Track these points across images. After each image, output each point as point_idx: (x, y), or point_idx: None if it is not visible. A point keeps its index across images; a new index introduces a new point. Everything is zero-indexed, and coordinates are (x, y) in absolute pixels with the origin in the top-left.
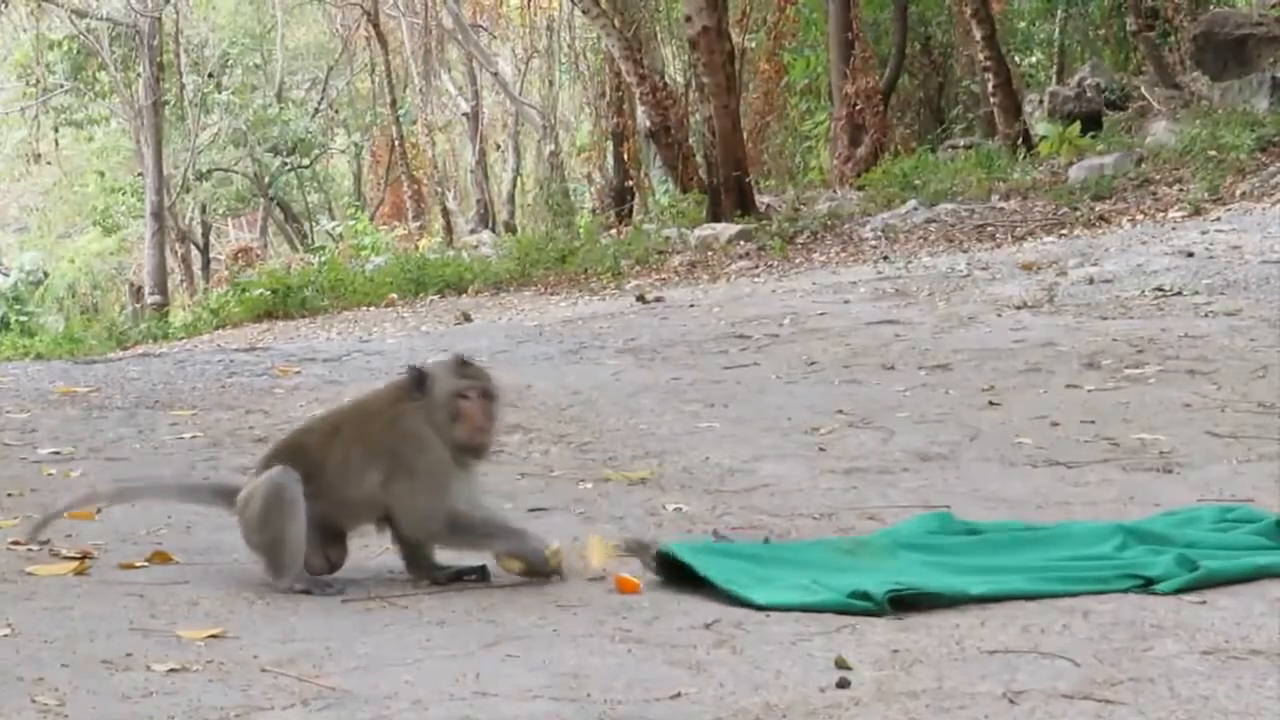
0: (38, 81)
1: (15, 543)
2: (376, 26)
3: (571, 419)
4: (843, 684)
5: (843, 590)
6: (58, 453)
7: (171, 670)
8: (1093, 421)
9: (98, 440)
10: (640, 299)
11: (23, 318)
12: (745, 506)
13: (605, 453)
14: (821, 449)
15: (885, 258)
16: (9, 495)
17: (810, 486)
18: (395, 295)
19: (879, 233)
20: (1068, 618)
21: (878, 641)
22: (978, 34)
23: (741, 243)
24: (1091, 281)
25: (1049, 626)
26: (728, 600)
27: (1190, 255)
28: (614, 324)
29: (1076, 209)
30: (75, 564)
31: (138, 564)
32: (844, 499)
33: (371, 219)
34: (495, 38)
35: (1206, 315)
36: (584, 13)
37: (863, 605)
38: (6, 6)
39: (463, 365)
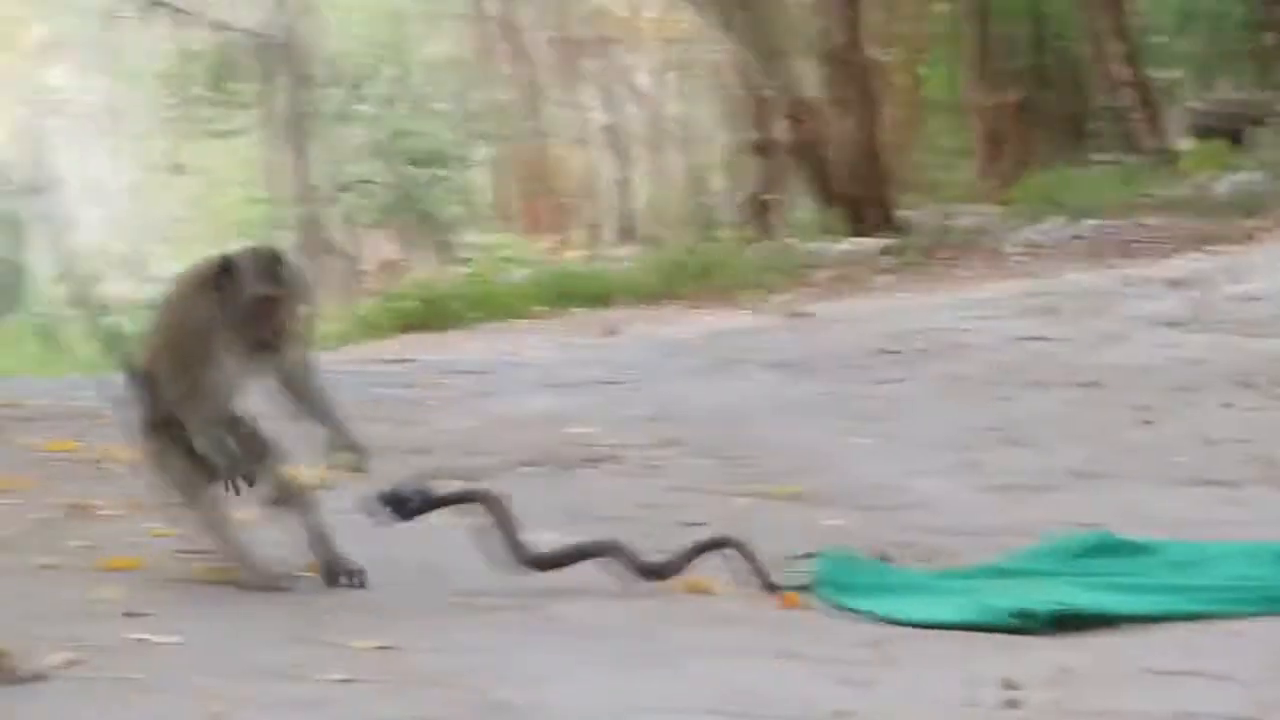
0: (179, 93)
1: (184, 551)
2: (514, 40)
3: (721, 433)
4: (1011, 704)
5: (1004, 609)
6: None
7: (341, 681)
8: (1249, 440)
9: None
10: (790, 313)
11: None
12: (899, 523)
13: (755, 467)
14: (973, 466)
15: (1031, 274)
16: (170, 505)
17: (963, 503)
18: (540, 308)
19: (1023, 248)
20: (1230, 639)
21: (1042, 661)
22: (1117, 49)
23: (884, 258)
24: (1241, 299)
25: (1211, 648)
26: (886, 616)
27: None
28: (760, 338)
29: (1224, 225)
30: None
31: (305, 574)
32: (998, 516)
33: (514, 232)
34: (633, 51)
35: None
36: (720, 28)
37: (1024, 624)
38: (148, 19)
39: (273, 262)
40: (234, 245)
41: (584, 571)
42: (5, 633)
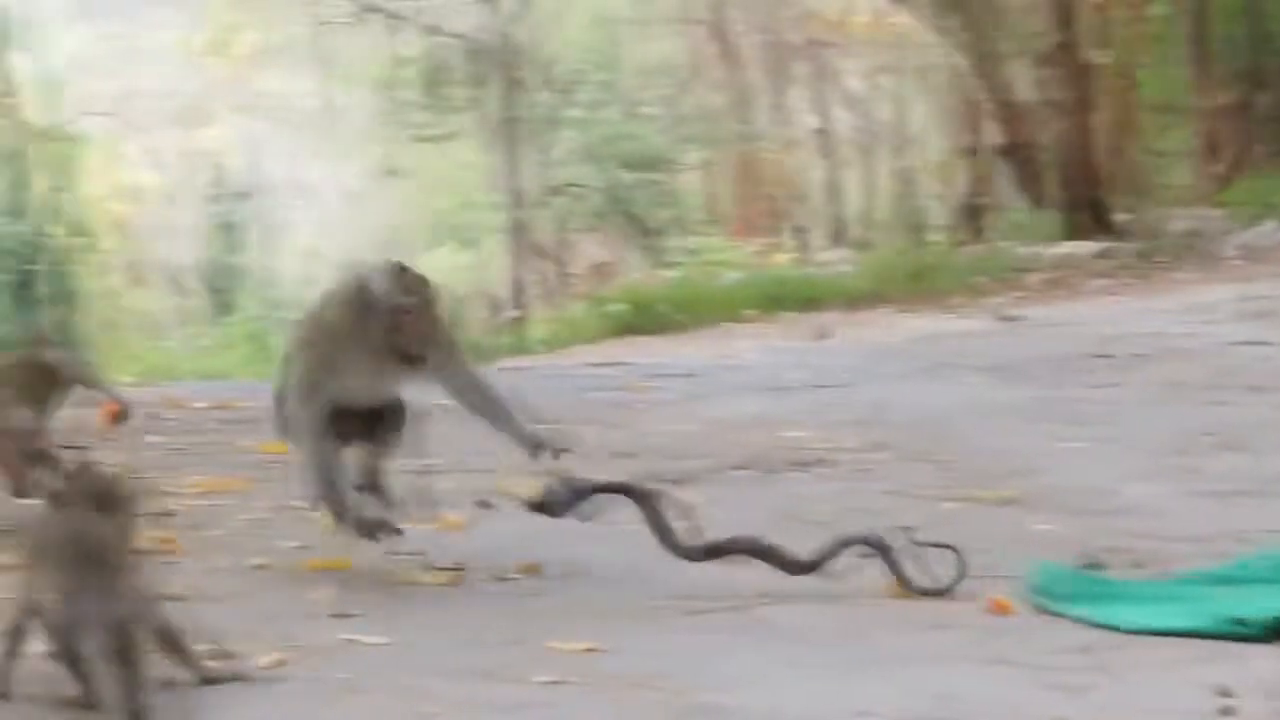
0: (393, 98)
1: (391, 553)
2: (724, 43)
3: (932, 437)
4: (1226, 712)
5: (1220, 615)
6: (426, 464)
7: (548, 683)
8: None
9: (461, 452)
10: (1002, 317)
11: None
12: (1111, 529)
13: (965, 472)
14: (1188, 471)
15: (1248, 278)
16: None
17: (1181, 509)
18: (751, 311)
19: (1240, 252)
20: None
21: (1260, 670)
22: None
23: (1099, 261)
24: None
25: None
26: (1099, 623)
27: None
28: (972, 342)
29: None
30: (449, 575)
31: (510, 576)
32: (1217, 523)
33: (725, 235)
34: (845, 54)
35: None
36: (934, 30)
37: (1241, 631)
38: (361, 24)
39: (405, 275)
40: (371, 260)
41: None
42: (222, 632)
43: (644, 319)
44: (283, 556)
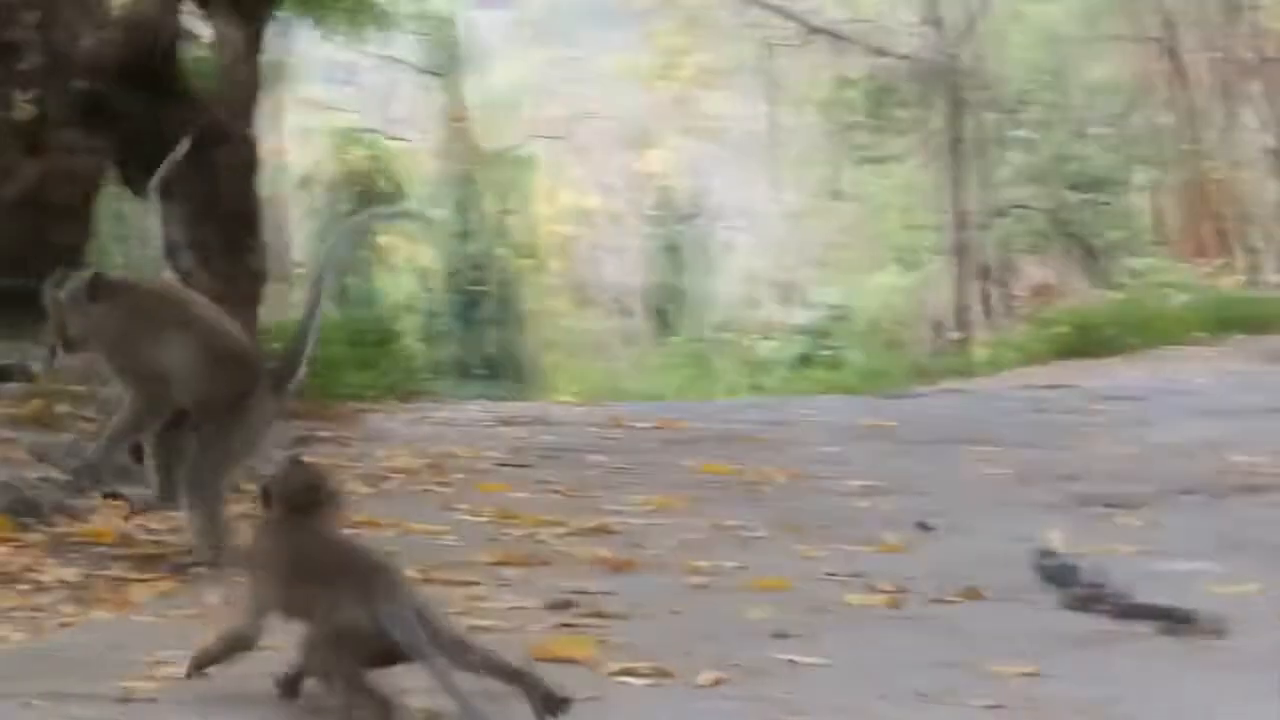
0: (837, 119)
1: (830, 574)
2: (1175, 61)
3: None
4: None
5: None
6: (866, 486)
7: (988, 706)
8: None
9: (905, 474)
10: None
11: (826, 352)
12: None
13: None
14: None
15: None
16: (821, 527)
17: None
18: (1200, 334)
19: None
20: None
21: None
22: None
23: None
24: None
25: None
26: None
27: None
28: None
29: None
30: (888, 596)
31: (949, 599)
32: None
33: (1172, 256)
34: None
35: None
36: None
37: None
38: (807, 46)
39: None
40: None
41: (1241, 600)
42: (661, 649)
43: (1088, 341)
44: (722, 576)
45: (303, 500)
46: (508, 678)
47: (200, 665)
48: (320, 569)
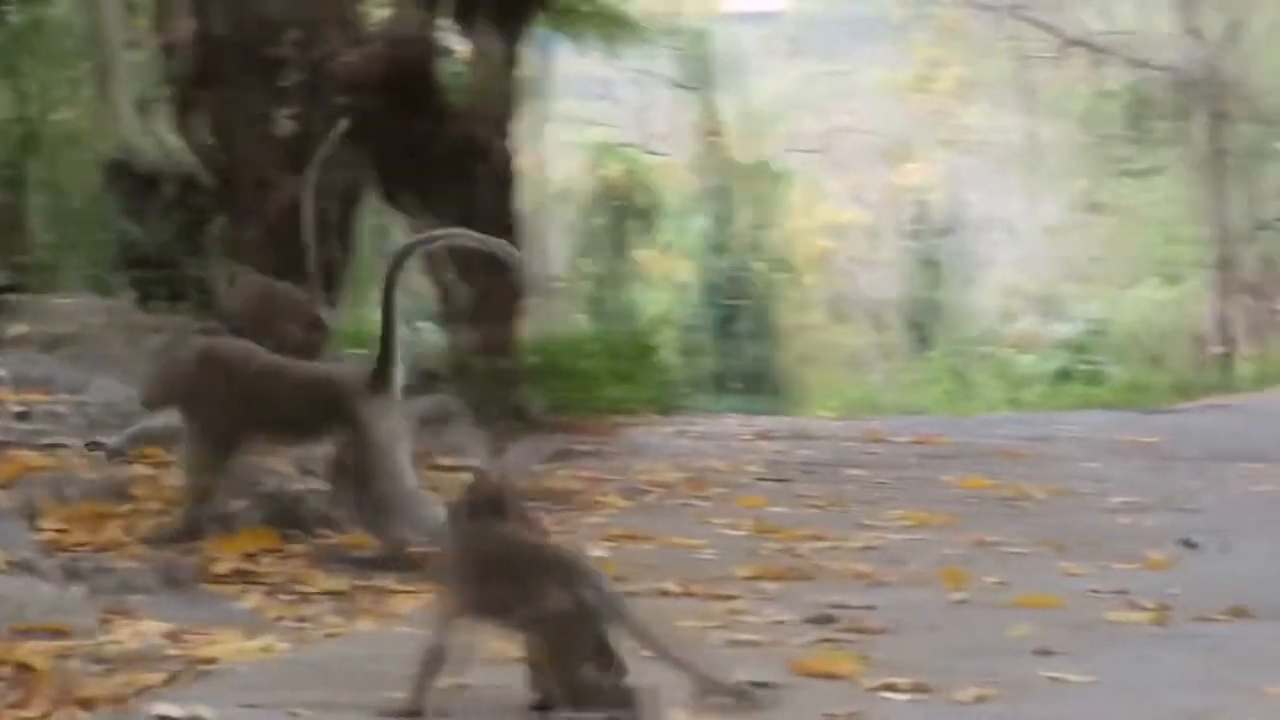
0: (1097, 131)
1: (1092, 591)
2: None
3: None
4: None
5: None
6: (1129, 502)
7: None
8: None
9: (1168, 491)
10: None
11: (1086, 366)
12: None
13: None
14: None
15: None
16: (1083, 544)
17: None
18: None
19: None
20: None
21: None
22: None
23: None
24: None
25: None
26: None
27: None
28: None
29: None
30: (1152, 614)
31: (1216, 617)
32: None
33: None
34: None
35: None
36: None
37: None
38: (1064, 58)
39: None
40: None
41: None
42: (921, 665)
43: None
44: (984, 592)
45: (485, 507)
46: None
47: (409, 709)
48: (513, 567)
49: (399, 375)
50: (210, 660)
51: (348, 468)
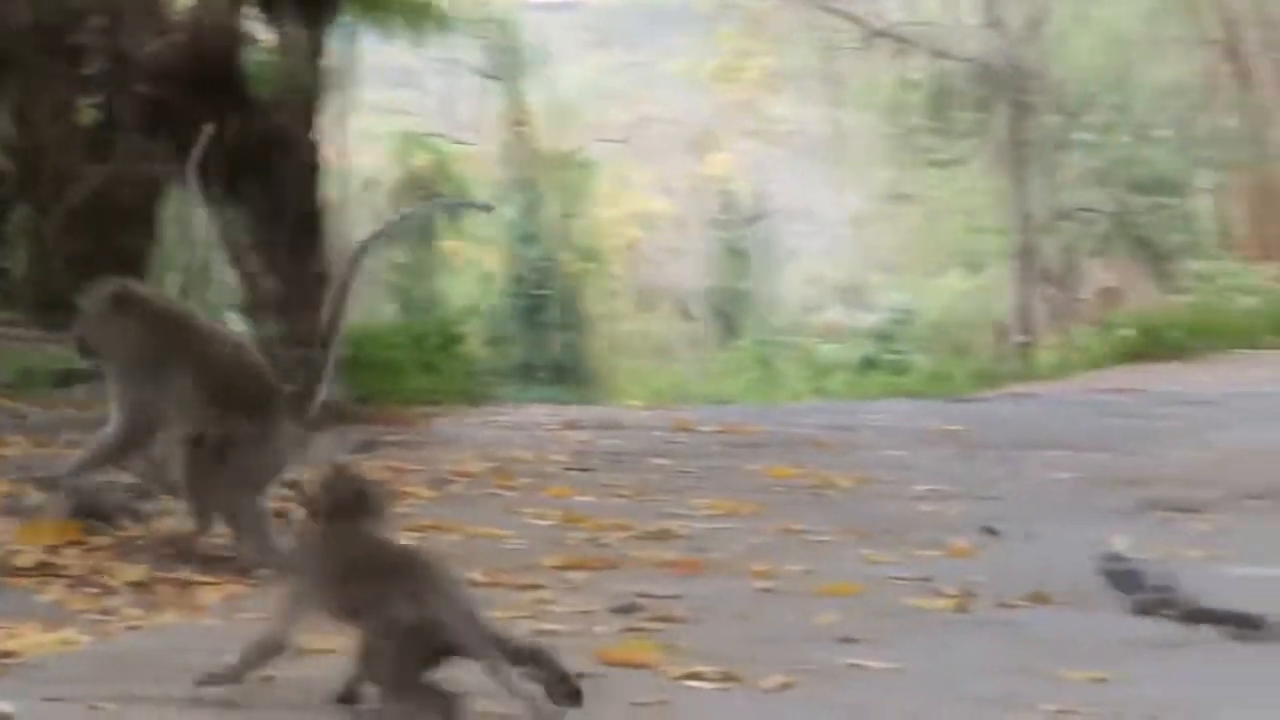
0: (900, 122)
1: (896, 578)
2: (1239, 63)
3: None
4: None
5: None
6: (932, 490)
7: (1056, 712)
8: None
9: (970, 479)
10: None
11: (891, 355)
12: None
13: None
14: None
15: None
16: (887, 532)
17: None
18: (1270, 338)
19: None
20: None
21: None
22: None
23: None
24: None
25: None
26: None
27: None
28: None
29: None
30: (955, 601)
31: (1016, 604)
32: None
33: (1239, 259)
34: None
35: None
36: None
37: None
38: (869, 49)
39: None
40: None
41: None
42: (727, 653)
43: (1154, 345)
44: (790, 580)
45: (348, 506)
46: (535, 663)
47: (224, 677)
48: (369, 569)
49: (321, 395)
50: (10, 654)
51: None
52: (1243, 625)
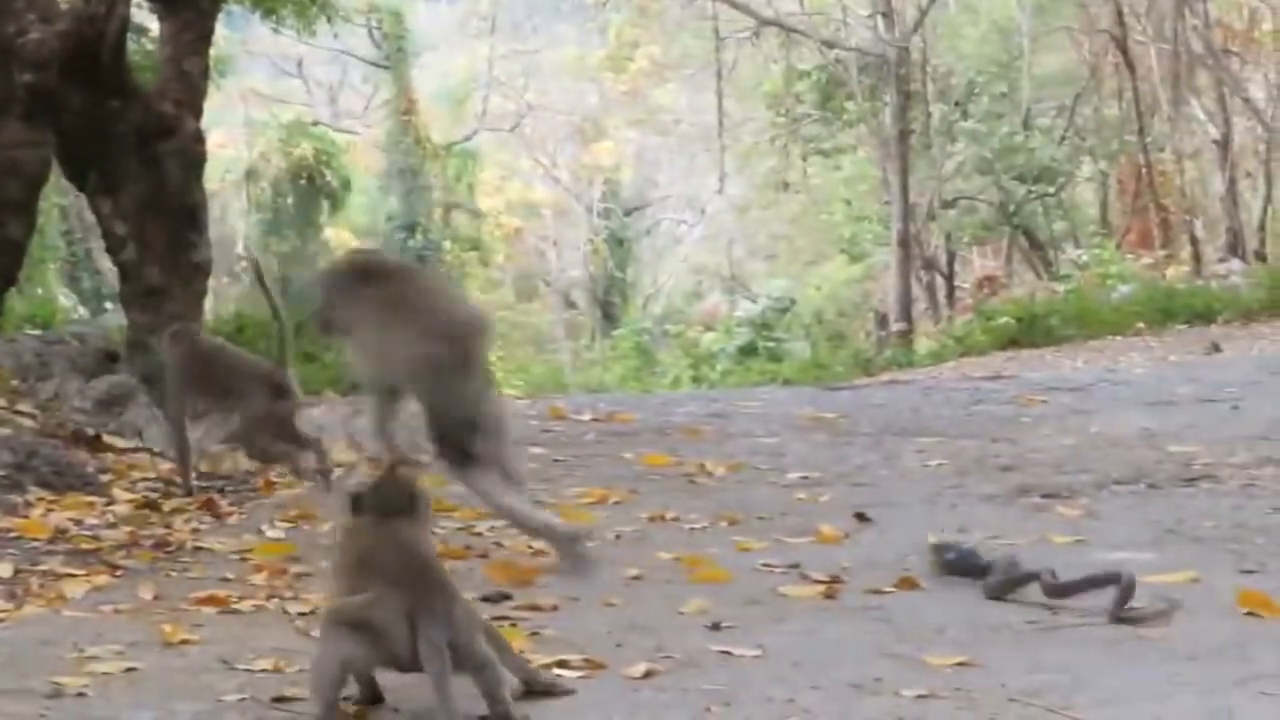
0: (786, 111)
1: (766, 565)
2: (1125, 53)
3: None
4: None
5: None
6: (806, 477)
7: (919, 696)
8: None
9: (844, 466)
10: None
11: (770, 343)
12: None
13: None
14: None
15: None
16: (759, 519)
17: None
18: (1142, 324)
19: None
20: None
21: None
22: None
23: None
24: None
25: None
26: None
27: None
28: None
29: None
30: (824, 587)
31: (885, 589)
32: None
33: (1118, 247)
34: (1247, 63)
35: None
36: None
37: None
38: (758, 39)
39: None
40: None
41: (1180, 592)
42: (594, 641)
43: (1032, 332)
44: (658, 568)
45: (387, 507)
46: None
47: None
48: (380, 570)
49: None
50: None
51: None
52: (1104, 584)
